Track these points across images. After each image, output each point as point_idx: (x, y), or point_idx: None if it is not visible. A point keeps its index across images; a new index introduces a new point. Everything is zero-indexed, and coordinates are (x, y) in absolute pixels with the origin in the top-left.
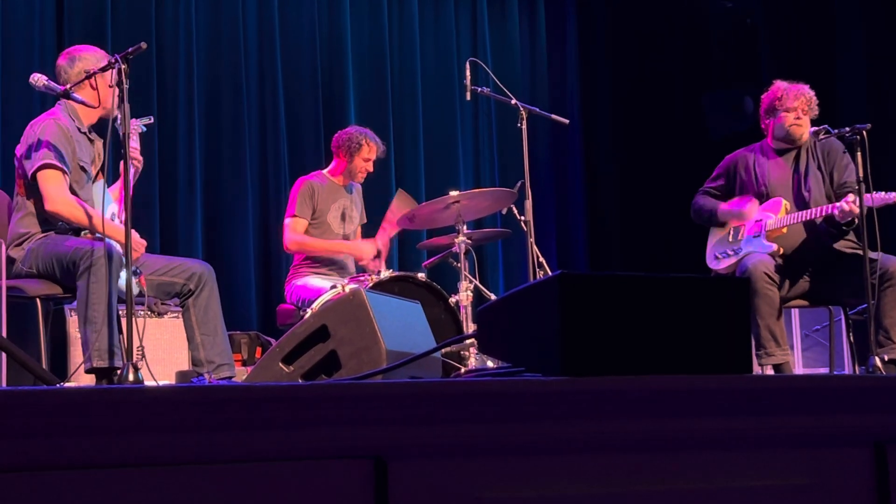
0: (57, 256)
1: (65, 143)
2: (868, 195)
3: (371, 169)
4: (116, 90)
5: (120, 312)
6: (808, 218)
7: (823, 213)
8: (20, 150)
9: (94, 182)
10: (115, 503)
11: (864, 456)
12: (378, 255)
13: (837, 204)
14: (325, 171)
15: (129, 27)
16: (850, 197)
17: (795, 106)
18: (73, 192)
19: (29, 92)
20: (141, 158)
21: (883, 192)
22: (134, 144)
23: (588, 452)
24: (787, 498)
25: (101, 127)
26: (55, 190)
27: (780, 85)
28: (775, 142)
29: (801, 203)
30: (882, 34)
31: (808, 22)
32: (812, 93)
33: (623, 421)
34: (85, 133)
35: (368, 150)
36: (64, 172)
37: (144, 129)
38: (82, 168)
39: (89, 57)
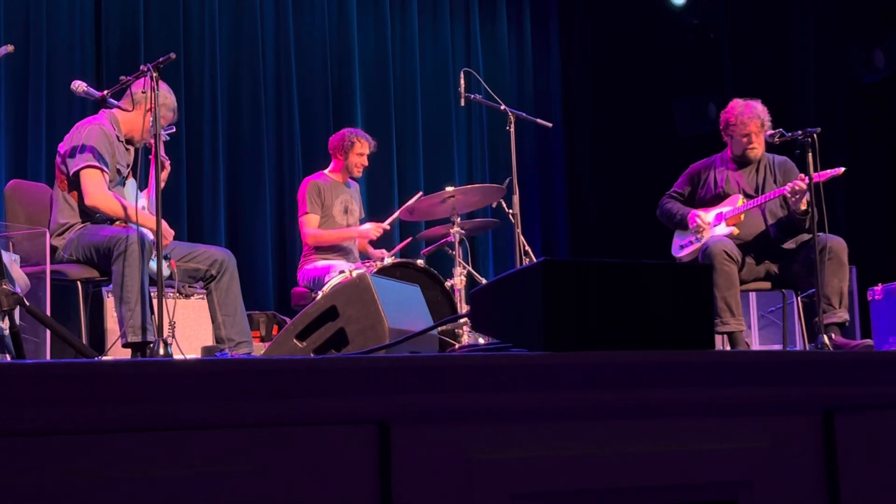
0: (94, 244)
1: (107, 147)
2: (816, 174)
3: (366, 163)
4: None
5: (151, 294)
6: (763, 201)
7: (777, 195)
8: (64, 148)
9: (125, 182)
10: (147, 462)
11: (815, 422)
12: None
13: (789, 184)
14: (326, 171)
15: (159, 40)
16: (801, 175)
17: (748, 131)
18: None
19: (70, 97)
20: (167, 158)
21: (829, 170)
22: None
23: (568, 418)
24: (747, 459)
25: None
26: (95, 187)
27: (734, 106)
28: (734, 156)
29: (757, 211)
30: (829, 47)
31: (764, 36)
32: (763, 110)
33: (599, 391)
34: (122, 141)
35: (360, 147)
36: (103, 171)
37: (168, 137)
38: (118, 170)
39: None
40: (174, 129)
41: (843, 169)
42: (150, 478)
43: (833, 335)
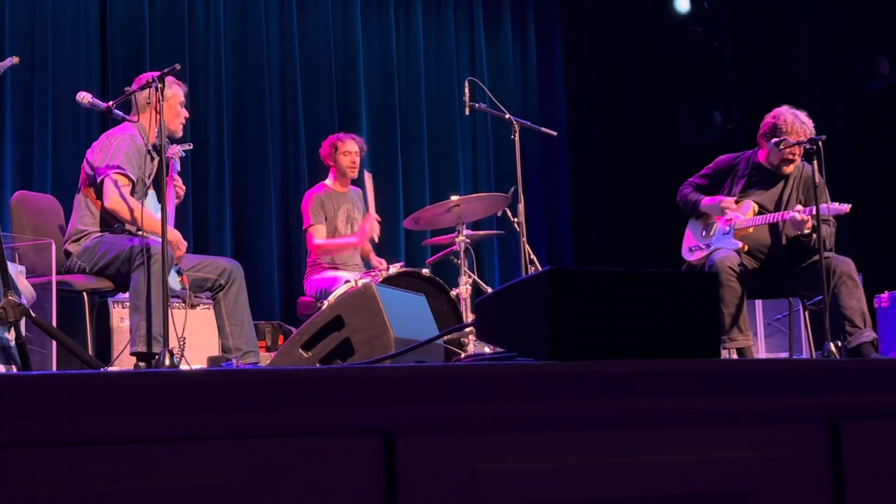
0: (115, 252)
1: (135, 158)
2: (824, 205)
3: (356, 161)
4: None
5: (169, 307)
6: (771, 220)
7: (784, 218)
8: (92, 156)
9: (147, 194)
10: (151, 473)
11: (821, 430)
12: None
13: (790, 213)
14: (326, 181)
15: (164, 51)
16: (799, 207)
17: (794, 142)
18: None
19: (76, 108)
20: (183, 187)
21: (836, 203)
22: (175, 173)
23: (574, 428)
24: (753, 468)
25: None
26: (116, 193)
27: (784, 113)
28: (768, 163)
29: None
30: (833, 54)
31: (768, 44)
32: (811, 125)
33: (605, 400)
34: (149, 151)
35: (344, 146)
36: (128, 180)
37: (184, 154)
38: (142, 182)
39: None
40: (191, 146)
41: (849, 207)
42: (155, 489)
43: (868, 353)
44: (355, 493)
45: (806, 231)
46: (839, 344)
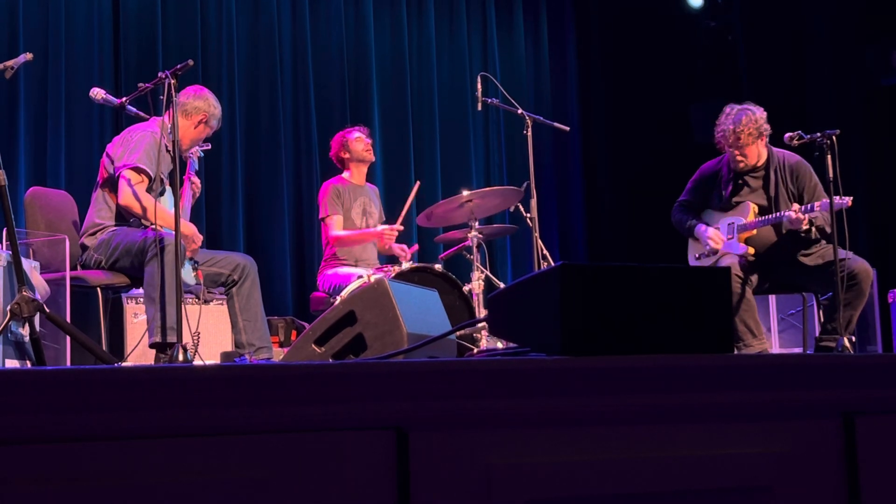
0: (129, 244)
1: (155, 155)
2: (827, 201)
3: (369, 144)
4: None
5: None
6: (772, 221)
7: (782, 219)
8: (113, 149)
9: (165, 191)
10: (165, 469)
11: (835, 425)
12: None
13: (786, 214)
14: (343, 175)
15: (177, 47)
16: (796, 206)
17: (738, 143)
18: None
19: (89, 104)
20: (198, 183)
21: (839, 198)
22: (192, 171)
23: (585, 423)
24: (766, 464)
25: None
26: (132, 188)
27: (720, 125)
28: (735, 166)
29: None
30: (846, 49)
31: (781, 38)
32: (751, 117)
33: (617, 396)
34: (169, 151)
35: (352, 134)
36: (146, 176)
37: (202, 154)
38: (161, 179)
39: (210, 99)
40: (209, 146)
41: (850, 199)
42: (168, 484)
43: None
44: (368, 489)
45: (804, 228)
46: (853, 339)
